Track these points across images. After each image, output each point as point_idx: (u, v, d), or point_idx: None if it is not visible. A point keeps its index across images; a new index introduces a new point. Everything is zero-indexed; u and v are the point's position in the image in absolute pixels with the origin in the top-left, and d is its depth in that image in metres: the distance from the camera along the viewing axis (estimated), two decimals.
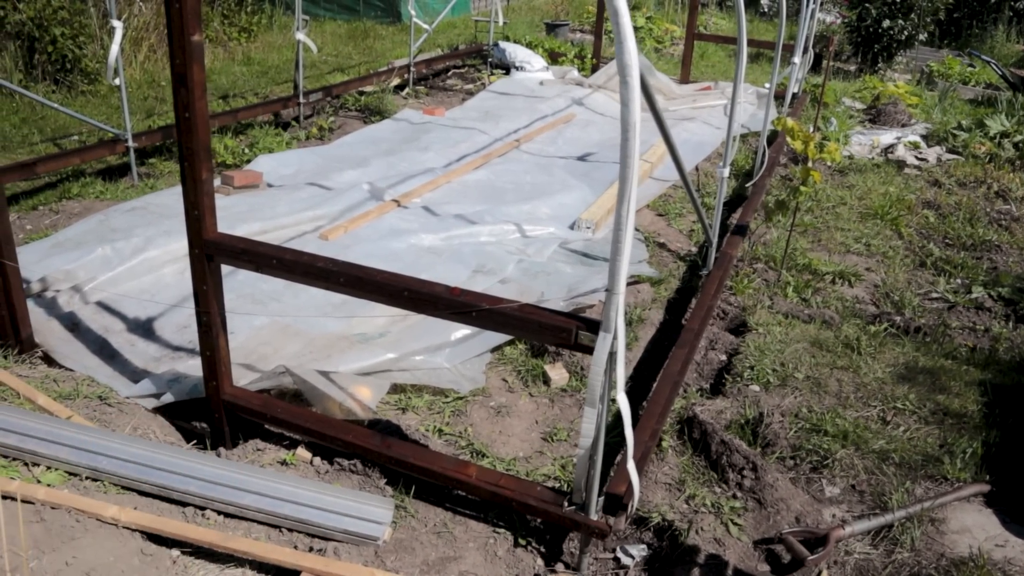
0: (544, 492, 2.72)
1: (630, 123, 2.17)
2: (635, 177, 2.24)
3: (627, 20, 2.13)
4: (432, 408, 3.45)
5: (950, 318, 4.71)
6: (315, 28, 11.13)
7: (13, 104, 6.64)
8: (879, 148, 7.55)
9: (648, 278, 4.61)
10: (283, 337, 3.82)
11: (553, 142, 7.09)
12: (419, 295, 2.63)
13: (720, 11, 14.87)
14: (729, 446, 3.14)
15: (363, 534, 2.71)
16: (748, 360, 3.83)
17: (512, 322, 2.53)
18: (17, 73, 7.03)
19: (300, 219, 4.97)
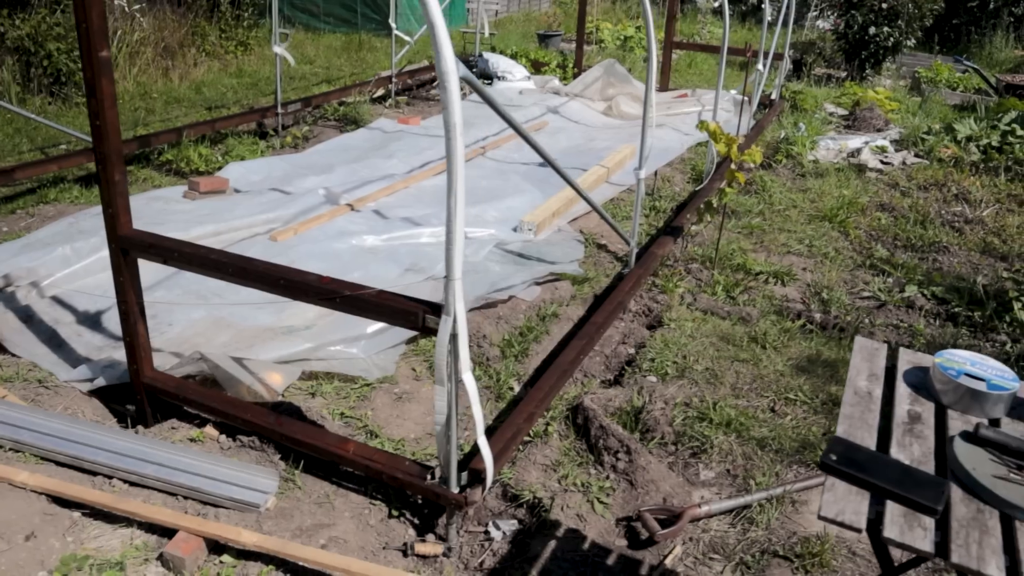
0: (411, 467, 2.96)
1: (451, 124, 2.41)
2: (460, 172, 2.48)
3: (443, 31, 2.38)
4: (339, 393, 3.70)
5: (877, 316, 4.86)
6: (312, 41, 11.53)
7: (8, 115, 7.06)
8: (846, 152, 7.68)
9: (570, 276, 4.83)
10: (216, 329, 4.10)
11: (519, 149, 7.33)
12: (292, 283, 2.90)
13: (718, 18, 15.01)
14: (607, 430, 3.35)
15: (247, 501, 2.97)
16: (651, 353, 4.03)
17: (371, 307, 2.78)
18: (15, 86, 7.46)
19: (254, 222, 5.26)
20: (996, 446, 1.66)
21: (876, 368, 1.98)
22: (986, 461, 1.63)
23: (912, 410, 1.81)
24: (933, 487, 1.54)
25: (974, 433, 1.68)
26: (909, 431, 1.73)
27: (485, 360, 3.93)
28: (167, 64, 8.74)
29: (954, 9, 13.43)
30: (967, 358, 1.93)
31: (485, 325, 4.06)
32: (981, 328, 4.76)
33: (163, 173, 6.36)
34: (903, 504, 1.51)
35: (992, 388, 1.83)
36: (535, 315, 4.33)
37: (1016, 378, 1.89)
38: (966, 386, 1.84)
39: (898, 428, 1.75)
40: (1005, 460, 1.64)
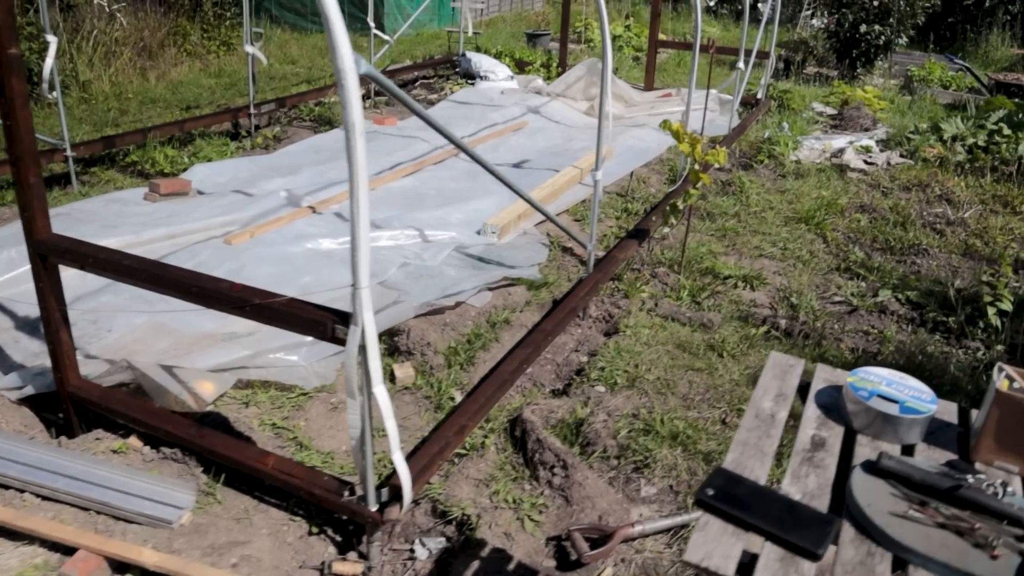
0: (330, 482, 2.82)
1: (350, 124, 2.27)
2: (363, 176, 2.33)
3: (339, 24, 2.24)
4: (274, 403, 3.57)
5: (848, 322, 4.70)
6: (298, 41, 11.40)
7: None
8: (829, 152, 7.52)
9: (526, 281, 4.68)
10: (156, 335, 3.97)
11: (494, 149, 7.20)
12: (205, 290, 2.77)
13: (714, 18, 14.85)
14: (543, 443, 3.20)
15: (159, 517, 2.84)
16: (602, 361, 3.89)
17: (280, 316, 2.64)
18: None
19: (211, 224, 5.13)
20: (899, 478, 1.51)
21: (787, 387, 1.83)
22: (886, 496, 1.48)
23: (817, 435, 1.66)
24: (818, 527, 1.39)
25: (876, 463, 1.53)
26: (808, 460, 1.58)
27: (429, 369, 3.79)
28: (145, 64, 8.62)
29: (950, 7, 13.22)
30: (883, 377, 1.78)
31: (430, 332, 3.92)
32: (955, 334, 4.60)
33: (128, 175, 6.24)
34: (782, 546, 1.36)
35: (905, 411, 1.68)
36: (485, 322, 4.18)
37: (934, 399, 1.74)
38: (877, 409, 1.69)
39: (796, 456, 1.60)
40: (908, 495, 1.49)
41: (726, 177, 7.00)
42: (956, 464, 1.62)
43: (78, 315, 4.14)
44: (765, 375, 1.86)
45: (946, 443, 1.73)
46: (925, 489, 1.49)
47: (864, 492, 1.47)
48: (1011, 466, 1.64)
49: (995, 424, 1.63)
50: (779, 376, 1.86)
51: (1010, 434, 1.62)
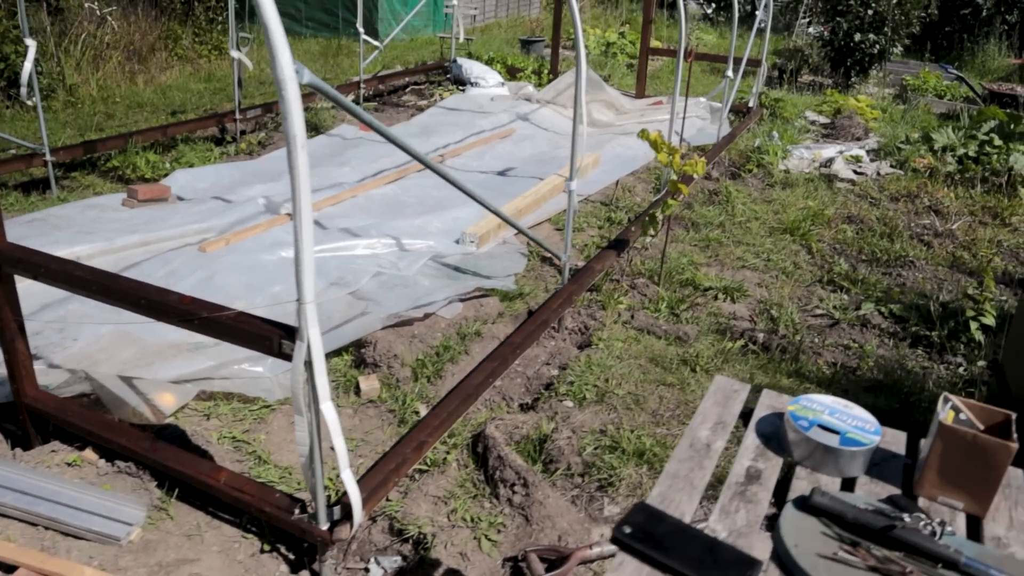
0: (282, 499, 2.76)
1: (291, 135, 2.21)
2: (306, 189, 2.27)
3: (279, 33, 2.18)
4: (236, 415, 3.50)
5: (829, 335, 4.64)
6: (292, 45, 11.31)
7: None
8: (819, 162, 7.45)
9: (500, 292, 4.61)
10: (120, 344, 3.91)
11: (480, 157, 7.14)
12: (154, 302, 2.71)
13: (711, 25, 14.79)
14: (504, 460, 3.14)
15: (107, 534, 2.78)
16: (572, 375, 3.82)
17: (228, 330, 2.58)
18: None
19: (186, 231, 5.07)
20: (831, 516, 1.45)
21: (728, 415, 1.76)
22: (816, 535, 1.41)
23: (753, 467, 1.59)
24: (738, 569, 1.32)
25: (807, 499, 1.46)
26: (741, 494, 1.51)
27: (395, 382, 3.73)
28: (134, 68, 8.58)
29: (947, 17, 13.16)
30: (826, 406, 1.72)
31: (398, 344, 3.86)
32: (937, 349, 4.53)
33: (109, 180, 6.19)
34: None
35: (846, 443, 1.62)
36: (455, 334, 4.12)
37: (878, 430, 1.68)
38: (816, 440, 1.62)
39: (728, 490, 1.53)
40: (840, 534, 1.42)
41: (714, 186, 6.93)
42: (897, 500, 1.55)
43: (44, 324, 4.10)
44: (706, 401, 1.79)
45: (891, 476, 1.66)
46: (858, 529, 1.42)
47: (792, 531, 1.40)
48: (956, 502, 1.57)
49: (938, 458, 1.57)
50: (721, 402, 1.79)
51: (954, 469, 1.56)
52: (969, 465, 1.54)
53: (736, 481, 1.56)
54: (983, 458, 1.52)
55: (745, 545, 1.40)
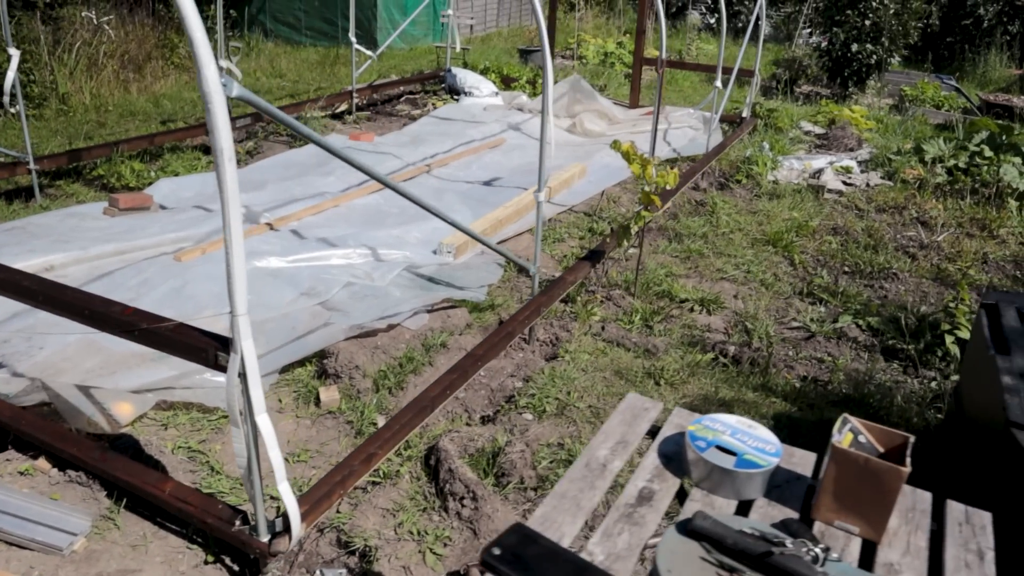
0: (224, 510, 2.75)
1: (218, 149, 2.21)
2: (235, 200, 2.27)
3: (204, 46, 2.18)
4: (194, 425, 3.50)
5: (804, 348, 4.60)
6: (290, 54, 11.42)
7: None
8: (809, 173, 7.41)
9: (469, 303, 4.60)
10: (86, 353, 3.92)
11: (467, 167, 7.14)
12: (97, 313, 2.71)
13: (712, 35, 14.76)
14: (454, 473, 3.12)
15: (50, 544, 2.78)
16: (534, 388, 3.80)
17: (167, 341, 2.58)
18: None
19: (163, 240, 5.09)
20: (711, 541, 1.42)
21: (633, 434, 1.74)
22: (695, 560, 1.39)
23: (647, 488, 1.57)
24: None
25: (689, 522, 1.44)
26: (628, 516, 1.49)
27: (356, 393, 3.72)
28: (128, 76, 8.64)
29: (949, 27, 13.08)
30: (729, 426, 1.69)
31: (359, 355, 3.85)
32: (914, 362, 4.48)
33: (94, 188, 6.23)
34: None
35: (742, 464, 1.59)
36: (420, 345, 4.11)
37: (778, 452, 1.65)
38: (712, 462, 1.60)
39: (616, 511, 1.52)
40: (719, 560, 1.40)
41: (701, 197, 6.90)
42: (789, 524, 1.53)
43: (12, 333, 4.11)
44: (612, 419, 1.77)
45: (791, 499, 1.64)
46: (737, 554, 1.40)
47: (668, 556, 1.38)
48: (851, 527, 1.55)
49: (833, 482, 1.55)
50: (628, 421, 1.77)
51: (848, 493, 1.54)
52: (862, 489, 1.52)
53: (626, 503, 1.54)
54: (875, 482, 1.50)
55: (621, 570, 1.38)
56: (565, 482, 1.56)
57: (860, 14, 10.00)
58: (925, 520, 1.61)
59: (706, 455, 1.60)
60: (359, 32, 12.11)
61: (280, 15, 12.44)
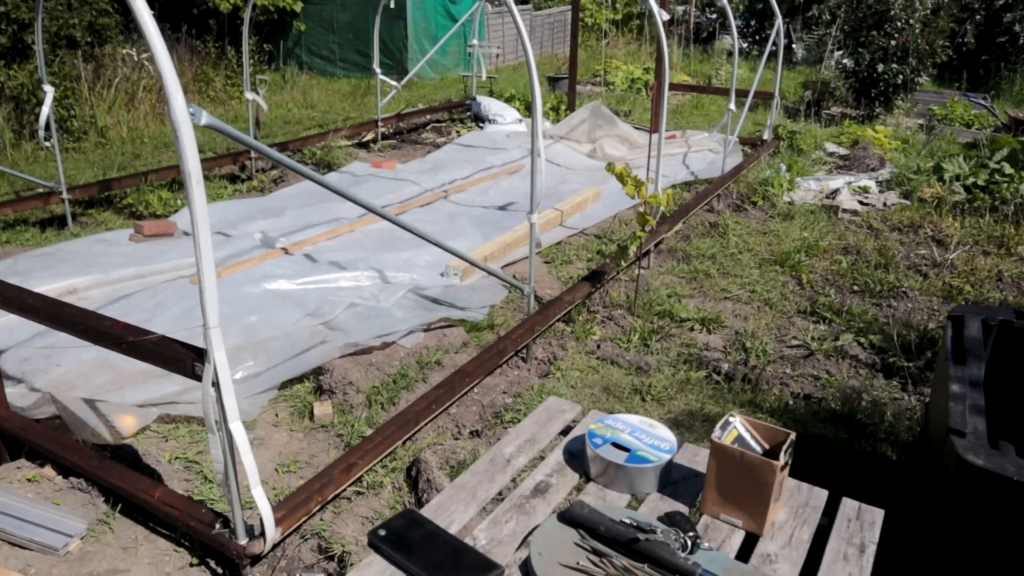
0: (207, 514, 2.90)
1: (187, 172, 2.39)
2: (204, 220, 2.44)
3: (173, 79, 2.36)
4: (193, 438, 3.68)
5: (802, 366, 4.63)
6: (323, 85, 11.78)
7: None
8: (825, 193, 7.41)
9: (468, 323, 4.73)
10: (98, 370, 4.14)
11: (485, 192, 7.30)
12: (90, 327, 2.91)
13: (744, 59, 14.80)
14: (432, 484, 3.24)
15: (47, 544, 2.97)
16: (521, 403, 3.91)
17: (150, 353, 2.75)
18: (8, 132, 7.81)
19: (180, 265, 5.34)
20: (586, 528, 1.52)
21: (545, 433, 1.84)
22: (568, 545, 1.49)
23: (544, 482, 1.67)
24: (474, 573, 1.41)
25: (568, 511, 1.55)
26: (519, 507, 1.60)
27: (349, 408, 3.87)
28: (164, 110, 9.03)
29: (984, 46, 12.94)
30: (629, 425, 1.79)
31: (353, 371, 4.00)
32: (914, 380, 4.47)
33: (123, 216, 6.54)
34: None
35: (633, 460, 1.69)
36: (415, 363, 4.25)
37: (672, 449, 1.74)
38: (606, 458, 1.70)
39: (508, 503, 1.62)
40: (593, 546, 1.50)
41: (714, 219, 6.95)
42: (672, 516, 1.62)
43: (34, 350, 4.36)
44: (527, 419, 1.88)
45: (685, 495, 1.73)
46: (608, 540, 1.49)
47: (542, 540, 1.49)
48: (735, 520, 1.63)
49: (715, 476, 1.63)
50: (542, 421, 1.88)
51: (730, 487, 1.62)
52: (741, 483, 1.60)
53: (521, 495, 1.65)
54: (752, 476, 1.58)
55: (501, 553, 1.48)
56: (467, 475, 1.67)
57: (885, 35, 9.98)
58: (815, 516, 1.68)
59: (600, 451, 1.70)
60: (391, 63, 12.47)
61: (315, 48, 12.86)
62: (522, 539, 1.53)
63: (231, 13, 11.95)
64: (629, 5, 16.67)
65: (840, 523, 1.67)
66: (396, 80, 12.11)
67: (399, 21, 12.23)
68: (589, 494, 1.66)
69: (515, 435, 1.82)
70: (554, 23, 16.77)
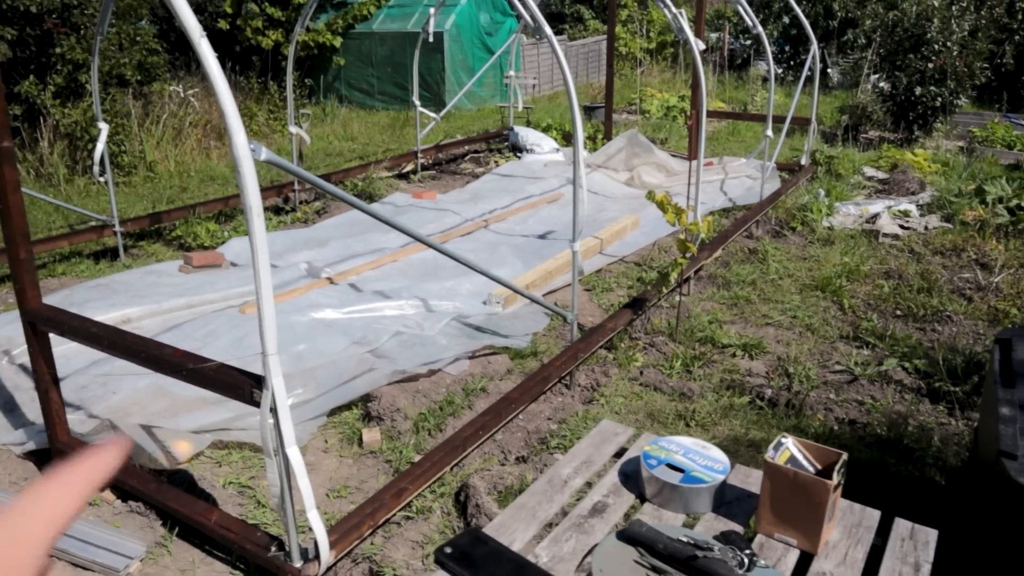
0: (262, 537, 2.98)
1: (248, 205, 2.49)
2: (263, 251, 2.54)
3: (235, 116, 2.48)
4: (246, 463, 3.77)
5: (846, 391, 4.61)
6: (363, 118, 12.01)
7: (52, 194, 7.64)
8: (865, 218, 7.39)
9: (512, 350, 4.78)
10: (154, 397, 4.26)
11: (524, 221, 7.39)
12: (151, 355, 3.02)
13: (779, 84, 14.81)
14: (480, 508, 3.28)
15: (108, 565, 3.06)
16: (566, 429, 3.94)
17: (210, 380, 2.85)
18: (62, 167, 8.09)
19: (229, 295, 5.47)
20: (645, 545, 1.56)
21: (600, 455, 1.89)
22: (628, 563, 1.53)
23: (601, 502, 1.72)
24: None
25: (626, 530, 1.59)
26: (578, 526, 1.65)
27: (396, 434, 3.93)
28: (209, 144, 9.30)
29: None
30: (683, 446, 1.83)
31: (401, 398, 4.08)
32: (961, 405, 4.43)
33: (172, 248, 6.72)
34: None
35: (688, 480, 1.73)
36: (461, 389, 4.31)
37: (726, 469, 1.78)
38: (662, 479, 1.74)
39: (568, 522, 1.67)
40: (652, 563, 1.54)
41: (753, 245, 6.96)
42: (728, 535, 1.65)
43: (91, 377, 4.51)
44: (582, 442, 1.93)
45: (739, 515, 1.76)
46: (666, 558, 1.53)
47: (603, 557, 1.53)
48: (789, 539, 1.66)
49: (769, 496, 1.66)
50: (596, 444, 1.93)
51: (784, 506, 1.65)
52: (795, 502, 1.63)
53: (579, 514, 1.69)
54: (806, 495, 1.61)
55: (563, 570, 1.53)
56: (526, 495, 1.72)
57: (923, 57, 9.96)
58: (868, 535, 1.70)
59: (656, 472, 1.74)
60: (428, 95, 12.69)
61: (354, 82, 13.15)
62: (582, 557, 1.57)
63: (273, 49, 12.29)
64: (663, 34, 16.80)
65: (894, 542, 1.69)
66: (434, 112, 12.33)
67: (436, 54, 12.46)
68: (645, 514, 1.70)
69: (571, 457, 1.86)
70: (588, 53, 16.95)
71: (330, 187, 3.14)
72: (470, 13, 13.11)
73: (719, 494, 1.75)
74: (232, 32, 12.31)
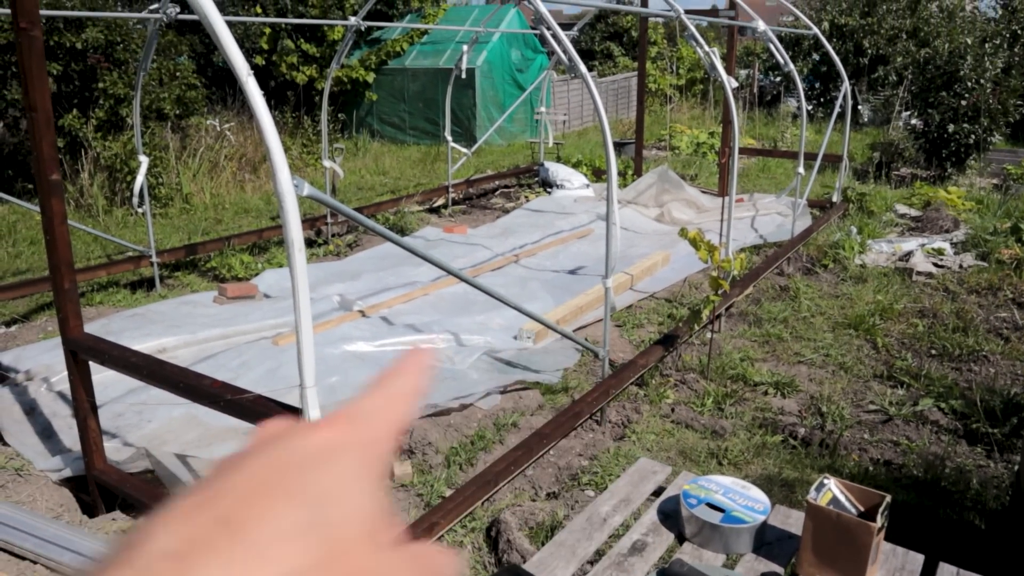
0: None
1: (290, 241, 2.54)
2: (304, 284, 2.58)
3: (280, 155, 2.53)
4: None
5: (881, 431, 4.55)
6: (394, 153, 12.17)
7: (91, 224, 7.81)
8: (898, 256, 7.33)
9: (543, 386, 4.78)
10: (187, 426, 4.31)
11: (554, 256, 7.41)
12: (190, 386, 3.06)
13: (810, 121, 14.81)
14: (512, 544, 3.27)
15: None
16: (598, 466, 3.93)
17: (246, 411, 2.88)
18: (101, 199, 8.26)
19: (262, 326, 5.53)
20: None
21: (638, 494, 1.89)
22: None
23: (640, 541, 1.71)
24: None
25: (668, 569, 1.58)
26: (618, 564, 1.64)
27: (428, 468, 3.93)
28: (244, 177, 9.46)
29: None
30: (722, 486, 1.82)
31: (432, 432, 4.08)
32: (1000, 447, 4.36)
33: (207, 279, 6.82)
34: None
35: (728, 520, 1.72)
36: (492, 424, 4.31)
37: (766, 510, 1.77)
38: (702, 518, 1.73)
39: (607, 560, 1.66)
40: None
41: (785, 282, 6.93)
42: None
43: (127, 406, 4.57)
44: (620, 480, 1.93)
45: (780, 556, 1.74)
46: None
47: None
48: None
49: (811, 537, 1.65)
50: (635, 482, 1.92)
51: (827, 548, 1.63)
52: (838, 544, 1.61)
53: (619, 552, 1.69)
54: (849, 537, 1.60)
55: None
56: (565, 532, 1.72)
57: (955, 95, 9.93)
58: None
59: (696, 511, 1.73)
60: (460, 130, 12.84)
61: (386, 116, 13.34)
62: None
63: (307, 84, 12.52)
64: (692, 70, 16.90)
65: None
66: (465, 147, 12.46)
67: (468, 90, 12.63)
68: (685, 553, 1.69)
69: (609, 495, 1.86)
70: (618, 89, 17.08)
71: (369, 222, 3.19)
72: (501, 50, 13.29)
73: (759, 535, 1.73)
74: (267, 67, 12.58)
